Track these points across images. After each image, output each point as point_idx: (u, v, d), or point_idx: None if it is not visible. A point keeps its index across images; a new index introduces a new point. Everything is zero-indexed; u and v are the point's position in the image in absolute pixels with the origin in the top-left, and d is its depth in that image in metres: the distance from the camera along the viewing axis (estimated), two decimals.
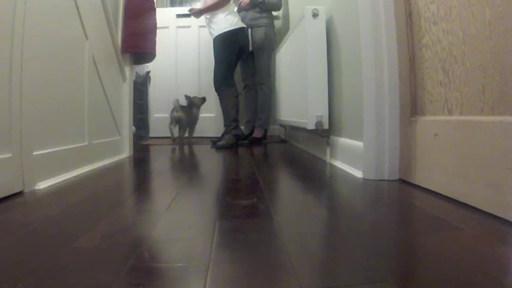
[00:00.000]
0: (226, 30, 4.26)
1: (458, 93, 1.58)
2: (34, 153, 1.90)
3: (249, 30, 4.60)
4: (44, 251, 1.03)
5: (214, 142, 4.38)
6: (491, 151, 1.35)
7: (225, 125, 4.37)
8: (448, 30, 1.65)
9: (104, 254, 1.01)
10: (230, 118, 4.29)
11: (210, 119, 5.55)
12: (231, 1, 4.35)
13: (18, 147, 1.76)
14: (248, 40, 4.59)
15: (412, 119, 1.92)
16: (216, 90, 4.40)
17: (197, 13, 4.44)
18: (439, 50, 1.71)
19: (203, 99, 4.91)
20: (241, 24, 4.41)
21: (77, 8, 2.37)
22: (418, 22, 1.88)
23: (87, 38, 2.53)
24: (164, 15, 5.43)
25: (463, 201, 1.49)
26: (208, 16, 4.38)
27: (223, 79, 4.29)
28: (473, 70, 1.49)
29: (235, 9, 4.60)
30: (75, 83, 2.43)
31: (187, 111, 4.75)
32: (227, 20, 4.29)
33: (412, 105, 1.94)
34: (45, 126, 2.03)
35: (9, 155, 1.70)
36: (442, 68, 1.69)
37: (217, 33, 4.31)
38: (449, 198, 1.57)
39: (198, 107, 4.86)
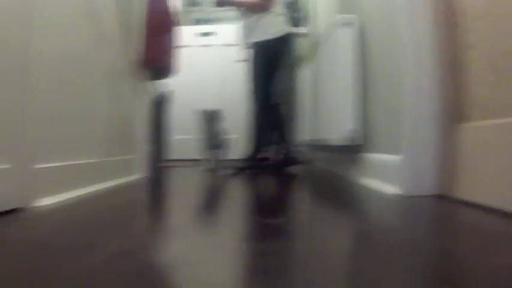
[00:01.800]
0: (276, 36, 3.63)
1: (511, 93, 1.38)
2: (36, 166, 1.74)
3: None
4: (35, 274, 0.85)
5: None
6: None
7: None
8: (496, 25, 1.47)
9: (109, 278, 0.83)
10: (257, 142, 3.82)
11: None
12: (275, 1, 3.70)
13: (18, 157, 1.61)
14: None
15: (456, 126, 1.74)
16: (257, 108, 3.80)
17: (223, 2, 3.92)
18: (487, 48, 1.53)
19: (214, 114, 4.13)
20: (288, 28, 3.82)
21: (94, 15, 2.28)
22: (462, 20, 1.71)
23: (103, 48, 2.43)
24: (188, 34, 5.35)
25: None
26: (254, 17, 3.64)
27: (267, 97, 3.74)
28: None
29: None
30: (88, 94, 2.30)
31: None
32: (277, 24, 3.66)
33: (456, 112, 1.76)
34: (51, 138, 1.89)
35: (7, 165, 1.54)
36: (490, 67, 1.50)
37: (264, 38, 3.63)
38: (504, 212, 1.36)
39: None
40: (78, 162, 2.15)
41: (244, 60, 5.55)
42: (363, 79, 2.74)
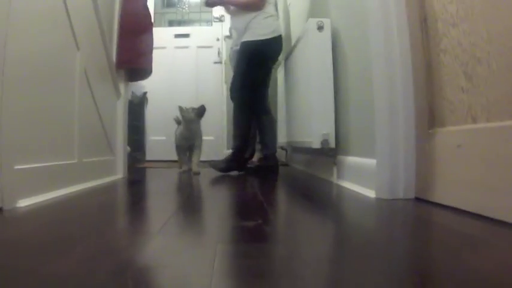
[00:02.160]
0: (267, 37, 3.45)
1: (484, 98, 1.42)
2: (16, 167, 1.72)
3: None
4: (13, 273, 0.86)
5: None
6: None
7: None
8: (469, 31, 1.50)
9: (78, 281, 0.82)
10: (236, 144, 3.66)
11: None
12: (267, 1, 3.54)
13: None
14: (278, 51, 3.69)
15: (430, 131, 1.77)
16: (234, 109, 3.71)
17: (213, 3, 3.78)
18: (460, 53, 1.56)
19: (200, 110, 3.72)
20: (281, 30, 3.63)
21: (68, 16, 2.24)
22: (435, 26, 1.74)
23: (78, 49, 2.39)
24: (162, 36, 5.32)
25: (493, 216, 1.32)
26: (247, 17, 3.49)
27: (261, 102, 3.61)
28: (501, 71, 1.34)
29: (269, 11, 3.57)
30: (65, 95, 2.28)
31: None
32: (271, 24, 3.49)
33: (429, 116, 1.79)
34: (30, 139, 1.88)
35: None
36: (463, 72, 1.54)
37: (254, 39, 3.46)
38: (476, 214, 1.40)
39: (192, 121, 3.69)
40: (57, 163, 2.13)
41: (220, 62, 5.57)
42: (336, 83, 2.75)
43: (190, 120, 3.66)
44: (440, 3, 1.70)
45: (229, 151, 4.01)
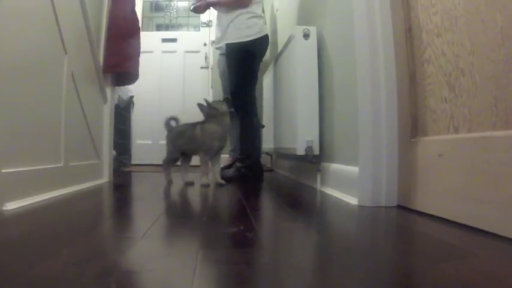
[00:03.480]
0: (253, 38, 3.37)
1: (466, 109, 1.45)
2: (2, 170, 1.73)
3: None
4: None
5: (222, 169, 3.60)
6: (506, 168, 1.22)
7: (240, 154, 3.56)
8: (453, 41, 1.53)
9: (65, 284, 0.83)
10: (245, 151, 3.50)
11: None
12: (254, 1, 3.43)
13: None
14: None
15: (412, 140, 1.79)
16: (241, 115, 3.48)
17: (202, 7, 3.63)
18: (443, 63, 1.59)
19: (229, 101, 3.28)
20: (266, 30, 3.55)
21: (56, 19, 2.24)
22: (419, 36, 1.77)
23: (66, 52, 2.39)
24: (149, 40, 5.32)
25: (472, 225, 1.35)
26: (230, 19, 3.41)
27: (252, 102, 3.48)
28: (483, 82, 1.36)
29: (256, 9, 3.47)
30: (52, 99, 2.28)
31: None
32: (252, 25, 3.39)
33: (412, 125, 1.81)
34: (16, 143, 1.88)
35: None
36: (446, 82, 1.57)
37: (239, 40, 3.38)
38: (456, 223, 1.43)
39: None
40: (44, 166, 2.13)
41: (207, 67, 5.57)
42: (321, 90, 2.77)
43: (224, 114, 3.05)
44: (425, 14, 1.73)
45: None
